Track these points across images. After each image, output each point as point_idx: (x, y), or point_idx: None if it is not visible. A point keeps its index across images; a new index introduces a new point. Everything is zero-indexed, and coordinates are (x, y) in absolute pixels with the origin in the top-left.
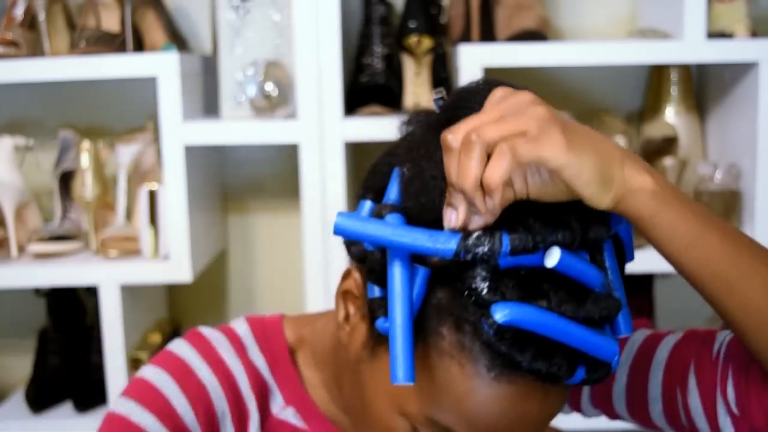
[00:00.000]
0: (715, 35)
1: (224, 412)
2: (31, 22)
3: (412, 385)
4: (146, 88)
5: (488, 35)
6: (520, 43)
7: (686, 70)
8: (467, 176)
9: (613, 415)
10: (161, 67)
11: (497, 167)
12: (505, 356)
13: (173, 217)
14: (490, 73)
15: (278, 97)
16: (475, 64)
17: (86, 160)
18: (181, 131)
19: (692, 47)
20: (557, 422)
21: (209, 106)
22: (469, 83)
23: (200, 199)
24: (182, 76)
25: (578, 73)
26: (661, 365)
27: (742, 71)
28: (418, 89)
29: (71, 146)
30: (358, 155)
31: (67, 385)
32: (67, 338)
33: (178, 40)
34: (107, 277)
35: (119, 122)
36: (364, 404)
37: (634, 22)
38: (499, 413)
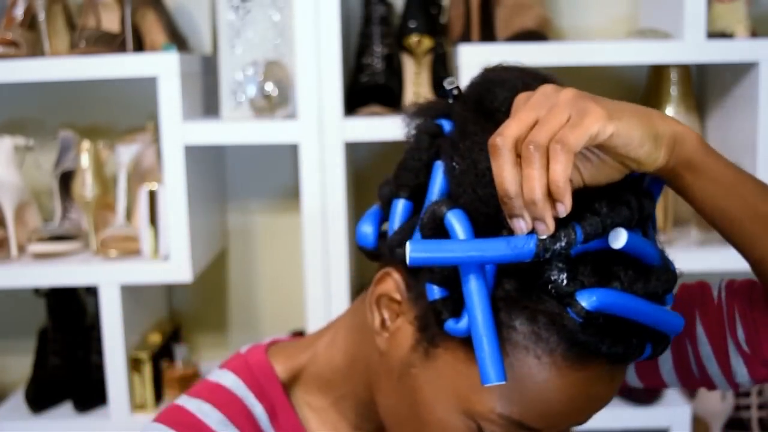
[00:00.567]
0: (715, 35)
1: None
2: (31, 22)
3: (503, 383)
4: (146, 88)
5: (488, 35)
6: (520, 43)
7: (686, 70)
8: (535, 188)
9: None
10: (161, 67)
11: (558, 168)
12: (585, 343)
13: (173, 217)
14: None
15: (278, 97)
16: (475, 64)
17: (86, 160)
18: (181, 131)
19: (692, 47)
20: None
21: (209, 106)
22: (491, 68)
23: (200, 199)
24: (182, 76)
25: (578, 73)
26: None
27: (742, 71)
28: (418, 89)
29: (71, 146)
30: (358, 155)
31: (67, 385)
32: (67, 338)
33: (178, 40)
34: (107, 277)
35: (119, 122)
36: (416, 409)
37: (634, 22)
38: (572, 399)
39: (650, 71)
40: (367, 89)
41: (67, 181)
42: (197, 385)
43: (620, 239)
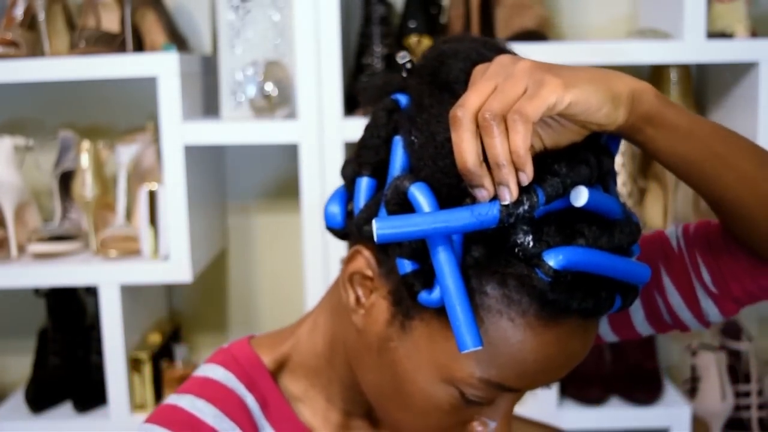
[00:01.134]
0: (715, 35)
1: None
2: (31, 22)
3: (480, 348)
4: (146, 88)
5: (488, 35)
6: (520, 43)
7: (686, 70)
8: (498, 155)
9: (597, 339)
10: (161, 67)
11: (518, 138)
12: (555, 302)
13: (173, 217)
14: None
15: (278, 97)
16: None
17: (86, 160)
18: (181, 131)
19: (692, 47)
20: (558, 422)
21: (209, 106)
22: (443, 40)
23: (200, 199)
24: (182, 76)
25: None
26: None
27: (742, 71)
28: None
29: (71, 146)
30: None
31: (67, 385)
32: (67, 338)
33: (178, 40)
34: (107, 277)
35: (119, 122)
36: (398, 383)
37: (634, 22)
38: (549, 356)
39: (650, 71)
40: None
41: (67, 181)
42: (187, 382)
43: (581, 197)
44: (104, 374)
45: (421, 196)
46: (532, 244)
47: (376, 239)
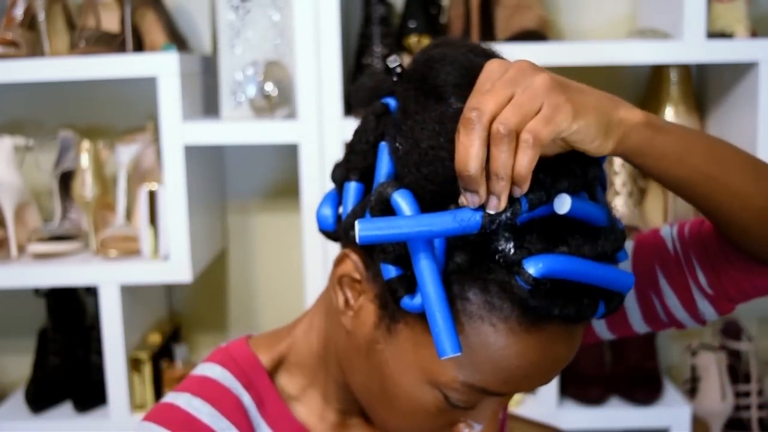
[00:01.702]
0: (715, 35)
1: None
2: (31, 22)
3: (460, 354)
4: (146, 88)
5: (488, 35)
6: (520, 43)
7: (686, 70)
8: (501, 168)
9: (593, 338)
10: (161, 67)
11: (526, 159)
12: (536, 308)
13: (173, 217)
14: None
15: (278, 97)
16: None
17: (86, 160)
18: (181, 131)
19: (692, 47)
20: (558, 422)
21: (209, 106)
22: (432, 45)
23: (200, 199)
24: (182, 76)
25: (578, 73)
26: None
27: (742, 71)
28: None
29: (71, 146)
30: None
31: (67, 385)
32: (67, 338)
33: (178, 40)
34: (107, 277)
35: (119, 122)
36: (385, 384)
37: (634, 22)
38: (533, 362)
39: (650, 71)
40: None
41: (67, 181)
42: (184, 380)
43: (565, 205)
44: (104, 374)
45: (403, 202)
46: (513, 251)
47: (357, 240)
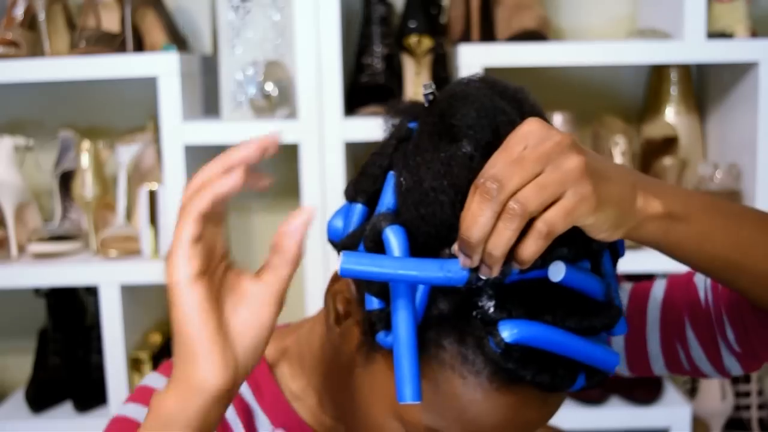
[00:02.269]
0: (715, 35)
1: None
2: (31, 22)
3: (418, 402)
4: (146, 88)
5: (488, 35)
6: (520, 43)
7: (686, 70)
8: (501, 246)
9: (612, 375)
10: (161, 67)
11: (533, 247)
12: (509, 371)
13: (173, 217)
14: (490, 73)
15: (278, 97)
16: (475, 64)
17: (86, 160)
18: (181, 131)
19: (692, 47)
20: (558, 422)
21: (209, 106)
22: (461, 80)
23: None
24: (182, 76)
25: (578, 73)
26: (656, 325)
27: (742, 71)
28: (418, 89)
29: (71, 146)
30: (358, 155)
31: (67, 385)
32: (67, 338)
33: (178, 40)
34: (107, 277)
35: (119, 122)
36: (357, 407)
37: (634, 22)
38: (500, 421)
39: (650, 71)
40: (367, 89)
41: (67, 181)
42: None
43: (558, 273)
44: (104, 374)
45: (394, 239)
46: (492, 310)
47: (339, 272)
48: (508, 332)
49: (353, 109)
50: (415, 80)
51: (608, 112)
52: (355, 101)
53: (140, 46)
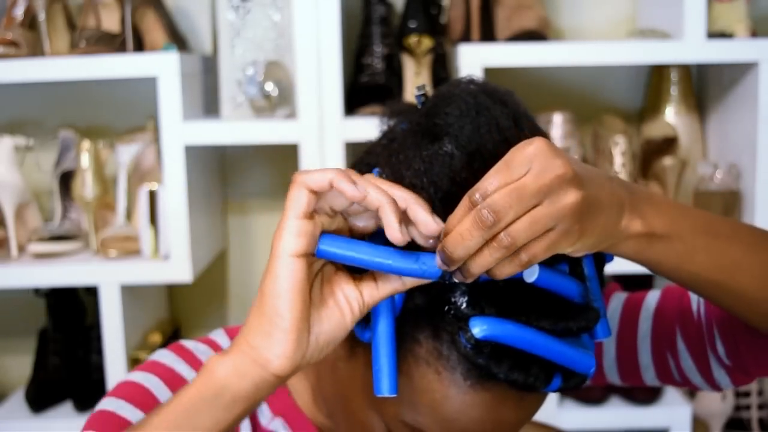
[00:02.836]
0: (715, 35)
1: None
2: (31, 22)
3: (395, 395)
4: (146, 88)
5: (488, 35)
6: (520, 43)
7: (686, 70)
8: (480, 266)
9: (603, 382)
10: (161, 67)
11: (510, 270)
12: (481, 367)
13: (173, 217)
14: (490, 73)
15: (278, 97)
16: (475, 64)
17: (86, 160)
18: (181, 131)
19: (692, 47)
20: (558, 422)
21: (209, 106)
22: (451, 82)
23: (200, 199)
24: (182, 76)
25: (578, 73)
26: (647, 335)
27: (742, 71)
28: None
29: (71, 146)
30: (358, 155)
31: (67, 385)
32: (67, 338)
33: (178, 40)
34: (107, 277)
35: (119, 122)
36: (343, 402)
37: (634, 22)
38: (474, 419)
39: (650, 71)
40: (367, 89)
41: (67, 181)
42: (201, 338)
43: (533, 274)
44: (104, 374)
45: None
46: (465, 306)
47: (315, 253)
48: (478, 328)
49: (353, 109)
50: (415, 80)
51: (608, 112)
52: (355, 101)
53: (140, 46)
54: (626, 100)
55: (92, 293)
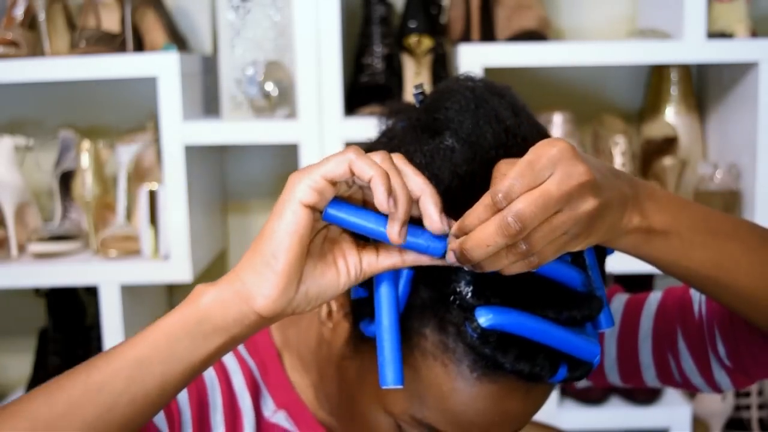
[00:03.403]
0: (715, 35)
1: (216, 404)
2: (31, 22)
3: (401, 387)
4: (146, 88)
5: (488, 35)
6: (520, 43)
7: (686, 70)
8: (494, 266)
9: (604, 383)
10: (161, 67)
11: (517, 268)
12: (488, 358)
13: (173, 217)
14: (490, 72)
15: (278, 97)
16: (475, 64)
17: (86, 160)
18: (181, 131)
19: (692, 47)
20: (558, 422)
21: (209, 106)
22: (449, 79)
23: (200, 199)
24: (182, 76)
25: (578, 73)
26: (648, 335)
27: (742, 71)
28: None
29: (71, 146)
30: None
31: None
32: (67, 338)
33: (178, 40)
34: (107, 277)
35: (119, 122)
36: (349, 401)
37: (634, 22)
38: (482, 411)
39: (650, 71)
40: (367, 89)
41: (67, 181)
42: None
43: None
44: None
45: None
46: (470, 296)
47: (323, 216)
48: (484, 318)
49: (353, 109)
50: (415, 80)
51: (608, 112)
52: (355, 101)
53: (140, 46)
54: (626, 100)
55: (92, 293)
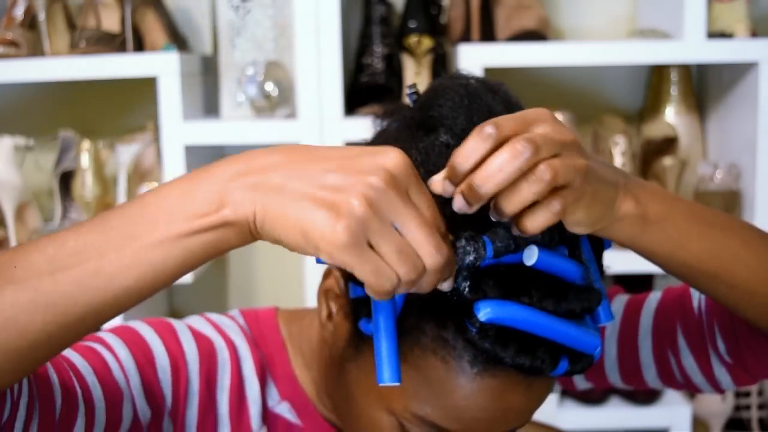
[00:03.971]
0: (715, 35)
1: (223, 386)
2: (31, 22)
3: (398, 384)
4: (146, 88)
5: (488, 35)
6: (520, 43)
7: (686, 70)
8: (515, 204)
9: (605, 384)
10: (161, 67)
11: (541, 220)
12: (488, 352)
13: None
14: (490, 72)
15: (278, 97)
16: (475, 64)
17: (86, 160)
18: (181, 131)
19: (692, 47)
20: (558, 422)
21: (209, 106)
22: (442, 77)
23: None
24: (182, 76)
25: (578, 73)
26: (648, 333)
27: (742, 71)
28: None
29: (71, 146)
30: None
31: None
32: None
33: (178, 40)
34: None
35: (119, 122)
36: (350, 402)
37: (634, 22)
38: (483, 406)
39: (650, 71)
40: (367, 89)
41: (67, 181)
42: (222, 314)
43: (532, 257)
44: None
45: None
46: (467, 290)
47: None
48: (483, 312)
49: (353, 109)
50: (415, 80)
51: (608, 112)
52: (355, 101)
53: (140, 46)
54: (626, 100)
55: None
